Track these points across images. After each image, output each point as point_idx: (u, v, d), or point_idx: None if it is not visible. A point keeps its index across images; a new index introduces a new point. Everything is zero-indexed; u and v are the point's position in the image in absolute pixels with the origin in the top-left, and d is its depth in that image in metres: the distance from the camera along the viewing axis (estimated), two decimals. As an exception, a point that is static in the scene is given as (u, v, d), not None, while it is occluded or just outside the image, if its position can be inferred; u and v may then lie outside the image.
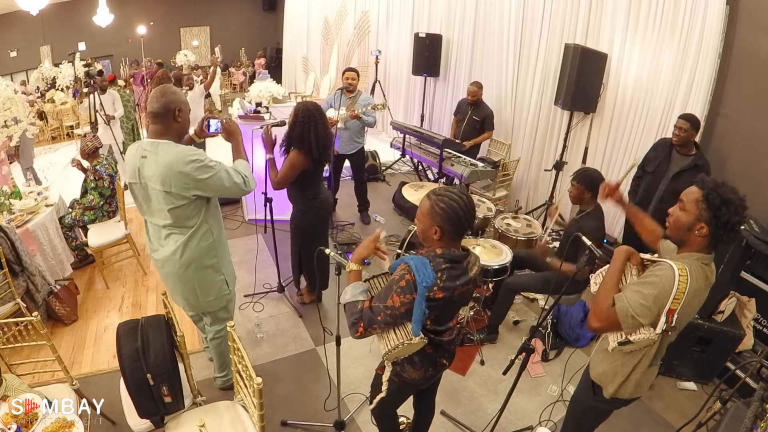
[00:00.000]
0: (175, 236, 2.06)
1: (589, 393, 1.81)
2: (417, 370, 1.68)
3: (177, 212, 1.97)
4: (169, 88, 1.96)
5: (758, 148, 3.13)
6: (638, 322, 1.45)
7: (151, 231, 2.15)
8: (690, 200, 1.49)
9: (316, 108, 2.79)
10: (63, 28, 12.10)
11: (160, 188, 1.89)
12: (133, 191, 2.04)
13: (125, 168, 2.07)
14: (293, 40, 11.75)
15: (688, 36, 3.42)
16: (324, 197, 3.04)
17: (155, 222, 2.08)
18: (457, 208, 1.46)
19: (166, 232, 2.07)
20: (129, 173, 2.00)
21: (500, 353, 3.05)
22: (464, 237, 1.58)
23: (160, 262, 2.15)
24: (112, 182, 3.65)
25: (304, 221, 3.04)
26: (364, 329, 1.51)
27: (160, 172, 1.86)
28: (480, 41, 5.66)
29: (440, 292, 1.46)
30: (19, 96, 4.32)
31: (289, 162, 2.76)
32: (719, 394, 2.15)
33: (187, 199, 1.94)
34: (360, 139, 4.39)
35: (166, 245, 2.08)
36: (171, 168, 1.86)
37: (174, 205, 1.94)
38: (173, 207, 1.94)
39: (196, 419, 1.66)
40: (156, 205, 1.98)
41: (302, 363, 2.92)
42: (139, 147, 1.95)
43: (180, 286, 2.19)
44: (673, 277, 1.41)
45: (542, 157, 4.90)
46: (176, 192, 1.90)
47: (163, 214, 1.99)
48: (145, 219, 2.14)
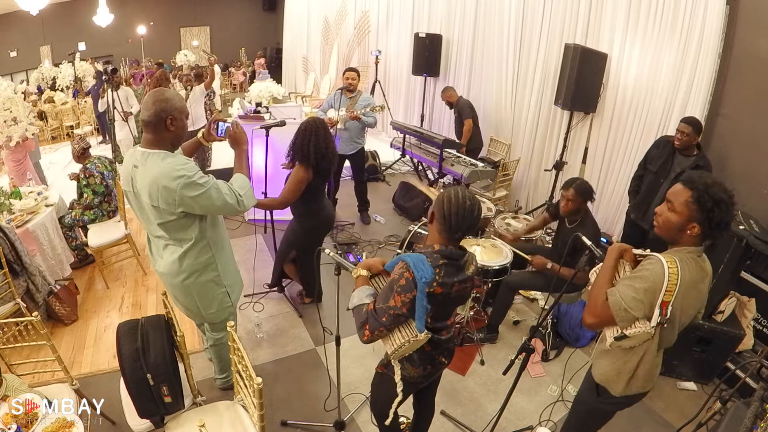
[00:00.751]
0: (172, 248, 1.98)
1: (592, 394, 1.81)
2: (416, 368, 1.69)
3: (167, 226, 1.89)
4: (162, 93, 1.81)
5: (758, 148, 3.13)
6: (631, 315, 1.46)
7: (151, 240, 2.09)
8: (680, 202, 1.49)
9: (321, 123, 2.80)
10: (63, 28, 12.10)
11: (148, 201, 1.82)
12: (128, 200, 1.99)
13: (122, 174, 2.02)
14: (293, 40, 11.75)
15: (688, 36, 3.42)
16: (327, 212, 3.02)
17: (152, 232, 2.01)
18: (455, 203, 1.50)
19: (163, 243, 2.00)
20: (123, 181, 1.94)
21: (500, 353, 3.05)
22: (464, 237, 1.59)
23: (160, 273, 2.09)
24: (105, 180, 3.65)
25: (303, 237, 3.00)
26: (371, 332, 1.51)
27: (148, 185, 1.78)
28: (480, 41, 5.66)
29: (439, 287, 1.47)
30: (19, 96, 4.33)
31: (294, 178, 2.75)
32: (719, 394, 2.15)
33: (175, 215, 1.83)
34: (360, 140, 4.38)
35: (164, 256, 2.01)
36: (157, 182, 1.75)
37: (163, 219, 1.85)
38: (163, 222, 1.87)
39: (196, 419, 1.66)
40: (149, 216, 1.91)
41: (302, 363, 2.92)
42: (133, 155, 1.87)
43: (181, 297, 2.14)
44: (663, 270, 1.43)
45: (542, 157, 4.90)
46: (163, 207, 1.80)
47: (155, 227, 1.92)
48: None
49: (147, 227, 2.02)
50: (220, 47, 14.58)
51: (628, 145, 3.99)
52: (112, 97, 5.46)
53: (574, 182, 2.72)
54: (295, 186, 2.74)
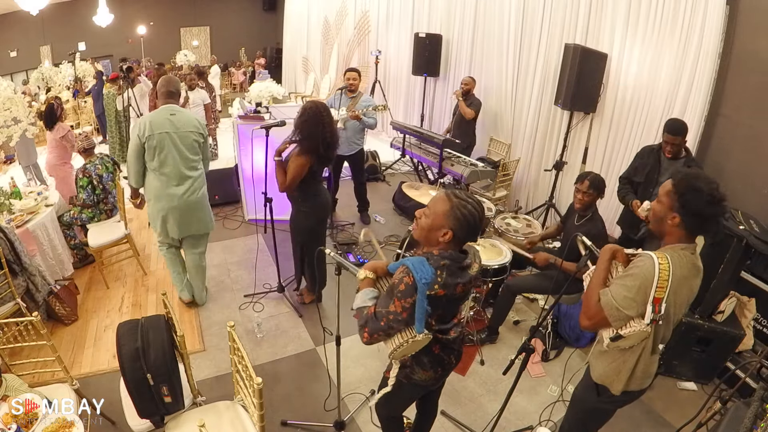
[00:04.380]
0: (200, 170, 2.97)
1: (592, 394, 1.80)
2: (427, 371, 1.68)
3: (202, 149, 2.99)
4: (172, 79, 2.97)
5: (758, 148, 3.13)
6: (624, 314, 1.47)
7: (184, 177, 2.85)
8: (663, 192, 1.53)
9: (324, 106, 2.81)
10: (63, 28, 12.09)
11: (194, 131, 2.87)
12: (163, 144, 2.74)
13: (155, 125, 2.75)
14: (293, 40, 11.74)
15: (688, 36, 3.42)
16: (323, 197, 3.05)
17: (187, 164, 2.85)
18: (476, 217, 1.48)
19: (197, 172, 2.93)
20: (157, 127, 2.73)
21: (500, 353, 3.05)
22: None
23: (195, 200, 2.92)
24: (102, 182, 3.65)
25: (303, 222, 3.04)
26: (370, 335, 1.51)
27: (192, 122, 2.87)
28: (480, 41, 5.66)
29: (441, 290, 1.45)
30: (19, 96, 4.33)
31: (294, 163, 2.76)
32: (719, 394, 2.16)
33: (204, 139, 3.00)
34: (359, 141, 4.37)
35: (195, 177, 2.91)
36: (196, 120, 2.92)
37: (199, 143, 2.94)
38: (198, 146, 2.94)
39: (196, 419, 1.66)
40: (189, 148, 2.85)
41: (302, 363, 2.92)
42: (163, 112, 2.78)
43: (202, 213, 3.02)
44: (653, 267, 1.44)
45: (542, 157, 4.90)
46: (201, 132, 2.94)
47: (192, 155, 2.87)
48: (157, 171, 2.81)
49: (183, 163, 2.83)
50: (220, 47, 14.58)
51: (628, 145, 3.98)
52: (128, 94, 5.79)
53: (588, 175, 2.72)
54: (297, 171, 2.76)
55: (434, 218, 1.50)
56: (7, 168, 6.54)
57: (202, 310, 3.36)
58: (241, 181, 4.65)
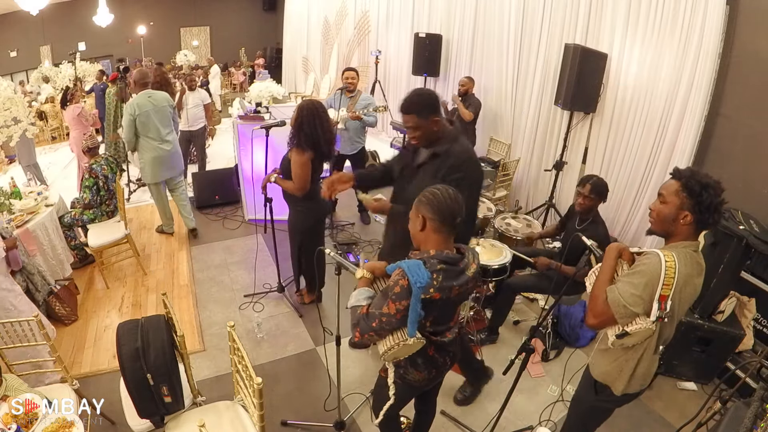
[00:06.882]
0: (172, 134, 4.09)
1: (591, 393, 1.81)
2: (420, 372, 1.68)
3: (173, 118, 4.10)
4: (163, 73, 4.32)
5: (758, 148, 3.13)
6: (631, 312, 1.47)
7: (166, 144, 3.94)
8: (670, 192, 1.52)
9: (319, 103, 2.82)
10: (63, 28, 12.08)
11: (167, 105, 3.95)
12: (149, 117, 3.77)
13: (139, 105, 3.74)
14: (293, 40, 11.74)
15: (688, 36, 3.42)
16: (321, 197, 3.04)
17: (165, 132, 3.93)
18: (438, 195, 1.50)
19: (173, 135, 4.06)
20: (144, 105, 3.75)
21: (500, 353, 3.05)
22: (454, 231, 1.54)
23: (176, 152, 4.11)
24: (107, 183, 3.66)
25: (302, 222, 3.03)
26: (361, 335, 1.52)
27: (166, 98, 3.96)
28: (480, 41, 5.65)
29: (437, 293, 1.45)
30: (19, 96, 4.33)
31: (296, 164, 2.76)
32: (719, 394, 2.16)
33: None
34: (360, 140, 4.38)
35: (172, 139, 4.04)
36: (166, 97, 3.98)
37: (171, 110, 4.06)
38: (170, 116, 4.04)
39: (196, 419, 1.66)
40: (167, 118, 3.95)
41: (302, 363, 2.92)
42: (143, 95, 3.79)
43: (179, 159, 4.20)
44: (660, 264, 1.44)
45: (542, 157, 4.90)
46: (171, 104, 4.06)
47: (169, 123, 4.00)
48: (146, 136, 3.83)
49: (162, 128, 3.88)
50: (220, 47, 14.58)
51: (628, 145, 3.98)
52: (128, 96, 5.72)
53: (591, 179, 2.71)
54: (302, 170, 2.77)
55: (411, 219, 1.57)
56: (7, 168, 6.54)
57: (202, 310, 3.36)
58: (241, 181, 4.65)
